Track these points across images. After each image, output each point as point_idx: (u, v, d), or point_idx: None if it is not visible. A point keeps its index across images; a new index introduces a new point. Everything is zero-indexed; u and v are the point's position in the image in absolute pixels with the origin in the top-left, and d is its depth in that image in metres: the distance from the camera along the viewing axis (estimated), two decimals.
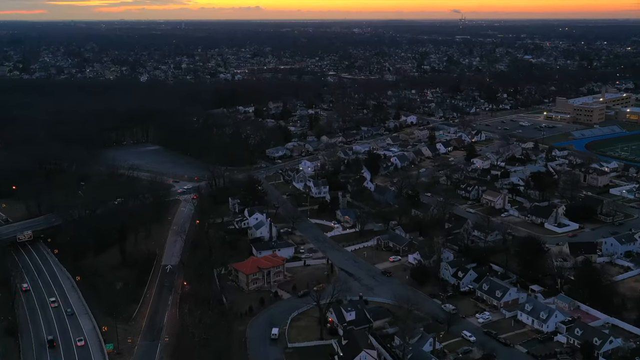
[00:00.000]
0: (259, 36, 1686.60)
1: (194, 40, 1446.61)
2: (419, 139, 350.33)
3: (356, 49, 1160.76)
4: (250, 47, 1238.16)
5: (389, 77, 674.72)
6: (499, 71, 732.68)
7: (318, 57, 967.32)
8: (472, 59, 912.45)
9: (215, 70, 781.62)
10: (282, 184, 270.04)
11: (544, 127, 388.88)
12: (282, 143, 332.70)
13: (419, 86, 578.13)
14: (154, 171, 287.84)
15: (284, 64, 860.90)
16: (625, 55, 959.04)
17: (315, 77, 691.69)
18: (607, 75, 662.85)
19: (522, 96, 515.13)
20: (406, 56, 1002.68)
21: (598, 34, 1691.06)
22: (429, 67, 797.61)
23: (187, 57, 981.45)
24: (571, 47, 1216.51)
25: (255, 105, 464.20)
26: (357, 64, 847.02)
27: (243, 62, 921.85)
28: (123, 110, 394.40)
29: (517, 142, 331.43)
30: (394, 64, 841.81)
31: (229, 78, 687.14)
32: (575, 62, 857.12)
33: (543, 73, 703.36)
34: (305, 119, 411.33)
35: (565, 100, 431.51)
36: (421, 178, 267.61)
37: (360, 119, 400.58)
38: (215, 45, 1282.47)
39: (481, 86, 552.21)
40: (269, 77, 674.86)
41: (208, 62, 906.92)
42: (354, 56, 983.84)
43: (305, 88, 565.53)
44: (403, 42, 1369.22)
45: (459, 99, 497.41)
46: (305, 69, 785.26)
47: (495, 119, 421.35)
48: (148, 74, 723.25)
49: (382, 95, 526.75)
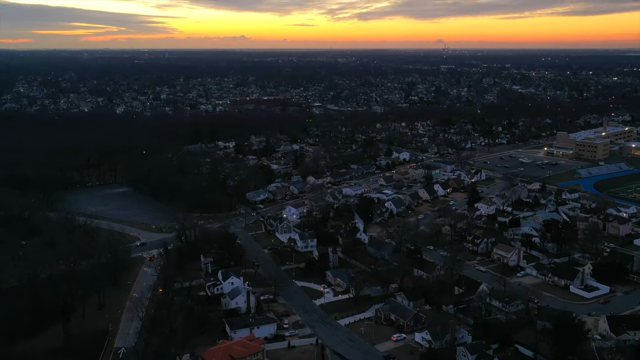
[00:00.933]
0: (243, 65, 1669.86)
1: (176, 70, 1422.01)
2: (414, 178, 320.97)
3: (342, 78, 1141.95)
4: (234, 77, 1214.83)
5: (377, 109, 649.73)
6: (489, 102, 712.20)
7: (303, 88, 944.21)
8: (460, 90, 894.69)
9: (196, 101, 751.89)
10: (263, 235, 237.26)
11: (546, 164, 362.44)
12: (264, 184, 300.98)
13: (409, 118, 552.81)
14: (117, 219, 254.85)
15: (267, 95, 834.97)
16: (614, 86, 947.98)
17: (300, 108, 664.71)
18: (601, 106, 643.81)
19: (518, 130, 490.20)
20: (393, 86, 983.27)
21: (581, 64, 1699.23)
22: (417, 97, 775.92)
23: (167, 87, 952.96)
24: (558, 77, 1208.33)
25: (237, 139, 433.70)
26: (343, 94, 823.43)
27: (225, 92, 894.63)
28: (91, 147, 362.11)
29: (522, 182, 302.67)
30: (381, 95, 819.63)
31: (210, 109, 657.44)
32: (565, 93, 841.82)
33: (535, 104, 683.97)
34: (289, 155, 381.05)
35: (566, 135, 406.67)
36: (420, 227, 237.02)
37: (349, 155, 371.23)
38: (197, 75, 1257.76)
39: (474, 119, 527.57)
40: (251, 109, 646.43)
41: (189, 92, 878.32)
42: (340, 86, 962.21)
43: (289, 121, 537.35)
44: (389, 72, 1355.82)
45: (452, 133, 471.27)
46: (290, 99, 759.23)
47: (492, 155, 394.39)
48: (125, 105, 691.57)
49: (371, 129, 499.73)
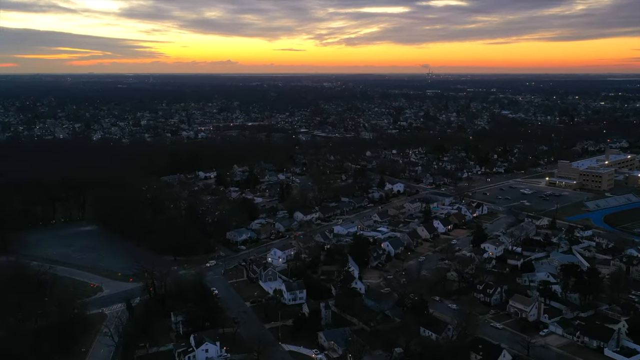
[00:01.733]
0: (228, 90, 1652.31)
1: (160, 94, 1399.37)
2: (410, 213, 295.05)
3: (328, 103, 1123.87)
4: (218, 102, 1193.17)
5: (366, 135, 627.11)
6: (480, 128, 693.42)
7: (288, 113, 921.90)
8: (448, 115, 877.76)
9: (178, 127, 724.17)
10: (245, 283, 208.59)
11: (549, 196, 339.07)
12: (247, 221, 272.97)
13: (400, 145, 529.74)
14: (80, 265, 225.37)
15: (252, 120, 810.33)
16: (604, 110, 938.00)
17: (285, 134, 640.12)
18: (594, 132, 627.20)
19: (514, 157, 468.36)
20: (380, 111, 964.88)
21: (566, 88, 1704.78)
22: (406, 123, 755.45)
23: (149, 113, 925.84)
24: (545, 102, 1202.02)
25: (218, 169, 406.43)
26: (330, 120, 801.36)
27: (209, 117, 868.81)
28: (59, 178, 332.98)
29: (529, 218, 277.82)
30: (369, 120, 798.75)
31: (192, 136, 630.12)
32: (555, 118, 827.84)
33: (527, 130, 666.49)
34: (275, 187, 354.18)
35: (568, 164, 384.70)
36: (422, 271, 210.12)
37: (339, 187, 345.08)
38: (181, 100, 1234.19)
39: (468, 146, 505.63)
40: (235, 135, 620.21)
41: (171, 117, 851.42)
42: (326, 111, 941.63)
43: (274, 148, 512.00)
44: (375, 97, 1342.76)
45: (446, 161, 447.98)
46: (275, 125, 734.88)
47: (492, 186, 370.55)
48: (103, 132, 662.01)
49: (361, 157, 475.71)
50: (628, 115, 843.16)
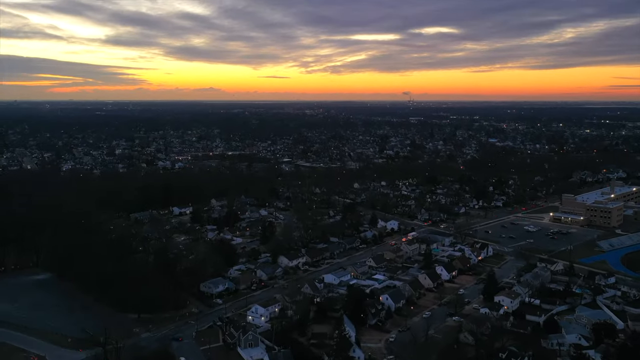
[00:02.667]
0: (209, 117, 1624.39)
1: (138, 122, 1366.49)
2: (408, 256, 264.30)
3: (311, 131, 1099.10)
4: (198, 130, 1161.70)
5: (352, 165, 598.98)
6: (470, 157, 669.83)
7: (270, 141, 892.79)
8: (435, 143, 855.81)
9: (154, 156, 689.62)
10: (221, 350, 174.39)
11: (556, 234, 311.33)
12: (225, 267, 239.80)
13: (388, 176, 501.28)
14: (23, 326, 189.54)
15: (232, 149, 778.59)
16: (591, 139, 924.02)
17: (267, 164, 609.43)
18: (587, 161, 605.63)
19: (510, 189, 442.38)
20: (365, 139, 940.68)
21: (548, 115, 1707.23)
22: (393, 152, 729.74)
23: (125, 141, 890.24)
24: (530, 129, 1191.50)
25: (195, 204, 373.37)
26: (313, 148, 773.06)
27: (188, 146, 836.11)
28: (13, 216, 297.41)
29: (543, 263, 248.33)
30: (354, 149, 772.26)
31: (168, 166, 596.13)
32: (544, 146, 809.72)
33: (517, 159, 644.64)
34: (256, 224, 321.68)
35: (572, 198, 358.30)
36: (430, 331, 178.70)
37: (327, 225, 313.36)
38: (160, 127, 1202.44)
39: (462, 177, 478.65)
40: (214, 165, 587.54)
41: (148, 146, 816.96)
42: (310, 140, 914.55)
43: (256, 180, 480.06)
44: (358, 124, 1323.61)
45: (439, 194, 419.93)
46: (257, 154, 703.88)
47: (492, 222, 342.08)
48: (74, 162, 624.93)
49: (348, 189, 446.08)
50: (617, 143, 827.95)
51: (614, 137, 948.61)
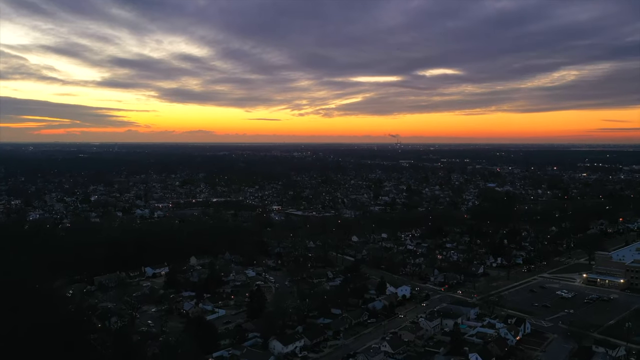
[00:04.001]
0: (194, 160, 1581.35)
1: (121, 165, 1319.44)
2: (429, 335, 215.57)
3: (300, 175, 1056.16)
4: (182, 173, 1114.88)
5: (347, 213, 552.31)
6: (471, 204, 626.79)
7: (258, 186, 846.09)
8: (432, 188, 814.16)
9: (133, 203, 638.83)
10: None
11: (596, 300, 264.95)
12: (202, 355, 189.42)
13: (388, 226, 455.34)
14: None
15: (218, 195, 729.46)
16: (593, 183, 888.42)
17: (255, 213, 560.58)
18: (599, 209, 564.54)
19: (526, 242, 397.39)
20: (357, 184, 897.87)
21: (538, 158, 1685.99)
22: (388, 198, 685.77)
23: (104, 186, 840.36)
24: (525, 173, 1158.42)
25: (172, 262, 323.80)
26: (304, 194, 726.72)
27: (170, 191, 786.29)
28: None
29: (602, 347, 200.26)
30: (347, 194, 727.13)
31: (147, 215, 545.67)
32: (546, 192, 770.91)
33: (524, 206, 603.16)
34: (243, 291, 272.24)
35: (608, 257, 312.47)
36: None
37: (328, 292, 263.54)
38: (142, 171, 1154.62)
39: (471, 229, 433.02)
40: (197, 214, 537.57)
41: (127, 192, 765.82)
42: (300, 184, 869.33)
43: (242, 231, 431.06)
44: (349, 167, 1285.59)
45: (449, 249, 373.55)
46: (243, 201, 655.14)
47: (517, 285, 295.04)
48: (43, 210, 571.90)
49: (346, 242, 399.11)
50: (622, 188, 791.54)
51: (615, 182, 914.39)
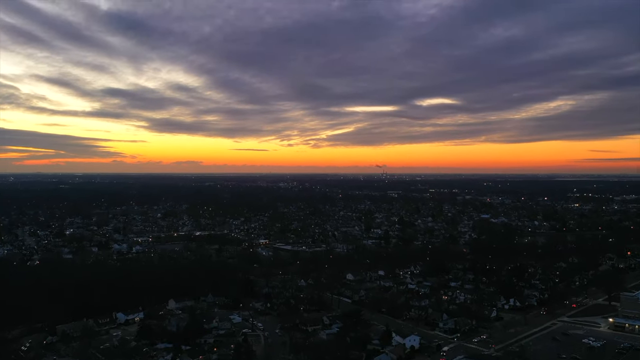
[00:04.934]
0: (178, 191, 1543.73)
1: (102, 196, 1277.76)
2: None
3: (287, 206, 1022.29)
4: (165, 205, 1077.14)
5: (339, 248, 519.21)
6: (468, 237, 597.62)
7: (244, 218, 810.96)
8: (424, 220, 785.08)
9: (110, 237, 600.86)
10: None
11: (629, 350, 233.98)
12: None
13: (385, 262, 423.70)
14: None
15: (201, 228, 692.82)
16: (588, 215, 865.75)
17: (241, 248, 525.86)
18: (602, 242, 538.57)
19: (536, 279, 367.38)
20: (347, 215, 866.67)
21: (526, 188, 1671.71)
22: (381, 231, 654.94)
23: (81, 218, 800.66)
24: (517, 203, 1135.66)
25: (148, 306, 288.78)
26: (292, 227, 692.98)
27: (151, 224, 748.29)
28: None
29: None
30: (338, 227, 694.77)
31: (124, 250, 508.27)
32: (543, 223, 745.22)
33: (523, 239, 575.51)
34: (227, 341, 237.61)
35: (634, 298, 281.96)
36: None
37: (324, 343, 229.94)
38: (124, 202, 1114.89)
39: (474, 265, 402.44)
40: (178, 250, 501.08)
41: (106, 224, 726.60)
42: (287, 216, 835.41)
43: (227, 268, 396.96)
44: (337, 198, 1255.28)
45: (454, 288, 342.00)
46: (228, 235, 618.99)
47: (536, 331, 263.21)
48: (12, 245, 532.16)
49: (340, 281, 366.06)
50: (620, 219, 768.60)
51: (610, 212, 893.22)
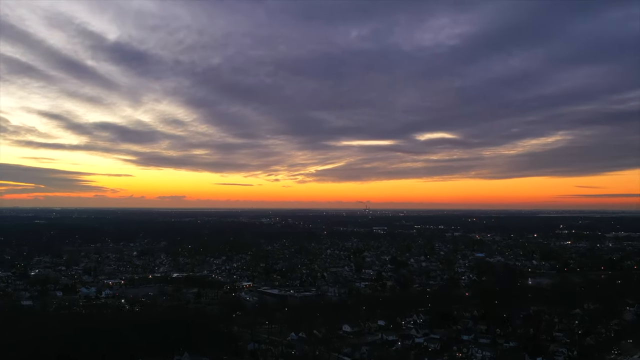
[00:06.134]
0: (157, 226, 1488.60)
1: (76, 232, 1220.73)
2: None
3: (271, 243, 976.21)
4: (142, 241, 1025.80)
5: (330, 292, 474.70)
6: (469, 279, 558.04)
7: (225, 257, 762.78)
8: (417, 259, 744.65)
9: (79, 279, 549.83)
10: None
11: None
12: None
13: (383, 308, 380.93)
14: None
15: (179, 268, 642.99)
16: (585, 253, 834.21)
17: (222, 292, 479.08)
18: (612, 285, 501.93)
19: (556, 330, 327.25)
20: (334, 254, 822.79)
21: (513, 224, 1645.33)
22: (372, 271, 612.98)
23: (51, 257, 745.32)
24: (508, 241, 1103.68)
25: None
26: (277, 266, 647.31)
27: (125, 263, 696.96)
28: None
29: None
30: (326, 267, 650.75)
31: (92, 295, 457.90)
32: (543, 263, 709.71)
33: (526, 281, 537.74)
34: None
35: None
36: None
37: None
38: (98, 239, 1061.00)
39: (485, 313, 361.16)
40: (153, 294, 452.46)
41: (76, 264, 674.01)
42: (271, 255, 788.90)
43: (206, 318, 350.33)
44: (322, 235, 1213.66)
45: (469, 343, 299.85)
46: (208, 277, 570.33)
47: None
48: None
49: (336, 334, 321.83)
50: (621, 258, 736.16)
51: (608, 251, 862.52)
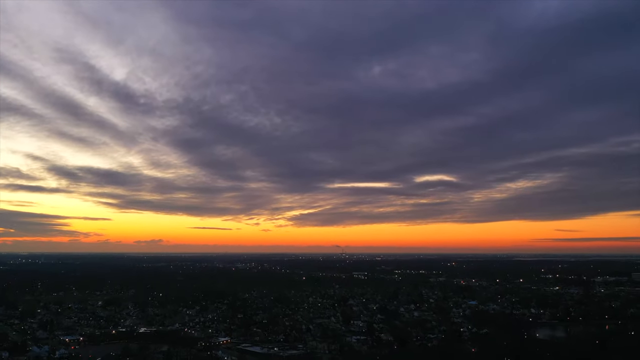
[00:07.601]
0: (128, 273, 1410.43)
1: (38, 279, 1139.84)
2: None
3: (248, 291, 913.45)
4: (109, 289, 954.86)
5: (319, 349, 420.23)
6: (469, 331, 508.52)
7: (199, 307, 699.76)
8: (408, 307, 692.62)
9: (32, 335, 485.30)
10: None
11: None
12: None
13: None
14: None
15: (147, 321, 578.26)
16: (582, 299, 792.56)
17: (195, 350, 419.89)
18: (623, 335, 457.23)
19: None
20: (317, 302, 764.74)
21: (493, 269, 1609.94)
22: (362, 322, 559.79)
23: (5, 308, 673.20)
24: (495, 286, 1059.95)
25: None
26: (257, 318, 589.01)
27: (88, 315, 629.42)
28: None
29: None
30: (311, 318, 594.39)
31: (44, 355, 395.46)
32: (540, 310, 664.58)
33: (530, 332, 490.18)
34: None
35: None
36: None
37: None
38: (62, 287, 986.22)
39: None
40: (115, 355, 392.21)
41: (32, 316, 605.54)
42: (249, 304, 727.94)
43: None
44: (300, 281, 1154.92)
45: None
46: (180, 331, 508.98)
47: None
48: None
49: None
50: (623, 306, 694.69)
51: (603, 297, 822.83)
